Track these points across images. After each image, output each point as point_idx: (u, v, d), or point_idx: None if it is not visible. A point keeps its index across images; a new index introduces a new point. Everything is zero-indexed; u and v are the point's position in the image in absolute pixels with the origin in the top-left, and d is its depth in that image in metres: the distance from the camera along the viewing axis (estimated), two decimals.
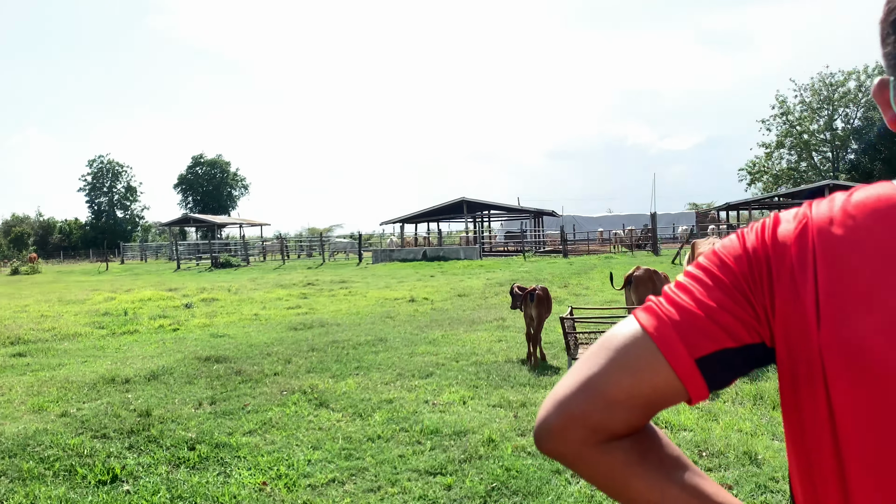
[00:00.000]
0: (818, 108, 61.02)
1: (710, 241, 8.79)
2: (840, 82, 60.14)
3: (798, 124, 61.85)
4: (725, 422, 5.55)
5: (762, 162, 64.01)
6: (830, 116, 60.83)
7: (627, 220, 56.49)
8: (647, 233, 39.88)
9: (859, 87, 59.08)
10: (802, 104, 61.85)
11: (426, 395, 7.00)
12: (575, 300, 15.73)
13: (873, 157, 56.34)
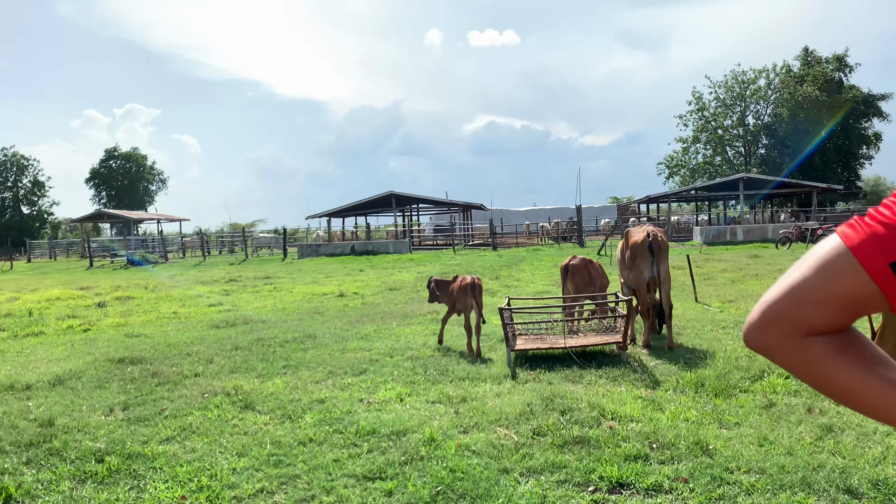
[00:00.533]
0: (731, 105, 63.49)
1: (643, 229, 8.72)
2: (751, 80, 62.73)
3: (713, 120, 64.19)
4: (671, 411, 5.42)
5: (679, 156, 66.12)
6: (743, 112, 63.39)
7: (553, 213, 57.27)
8: (572, 225, 40.45)
9: (769, 85, 61.79)
10: (717, 101, 64.21)
11: (360, 393, 6.62)
12: (507, 291, 15.61)
13: (782, 151, 59.02)
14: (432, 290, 9.01)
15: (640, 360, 7.49)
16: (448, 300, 8.83)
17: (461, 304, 8.58)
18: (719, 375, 6.42)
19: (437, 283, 9.06)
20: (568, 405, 5.52)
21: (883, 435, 4.63)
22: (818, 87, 56.71)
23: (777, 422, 5.03)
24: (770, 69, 61.88)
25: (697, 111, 64.73)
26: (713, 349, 7.85)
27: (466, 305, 8.56)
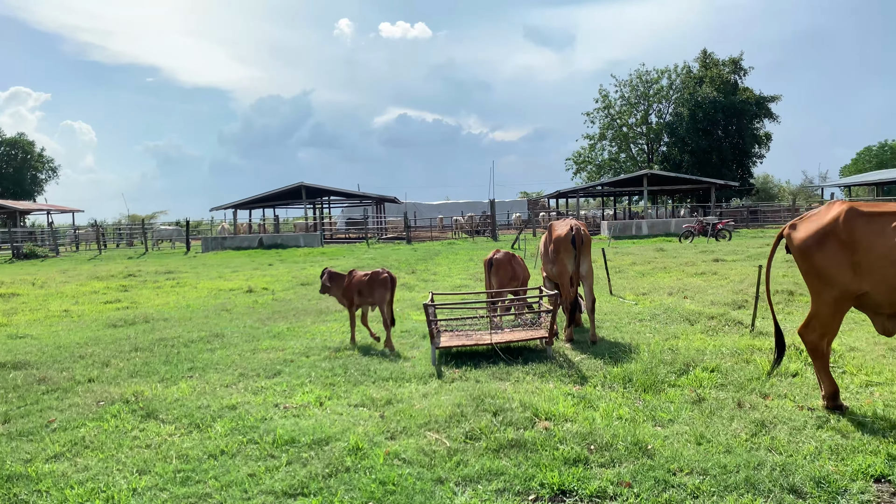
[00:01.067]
0: (636, 103, 65.67)
1: (566, 223, 8.62)
2: (655, 80, 65.09)
3: (619, 118, 66.21)
4: (604, 409, 5.28)
5: (587, 153, 67.86)
6: (646, 111, 65.71)
7: (466, 207, 57.60)
8: (486, 219, 40.68)
9: (671, 85, 64.30)
10: (622, 99, 66.27)
11: (276, 397, 6.15)
12: (425, 286, 15.35)
13: (682, 149, 61.57)
14: (324, 282, 8.66)
15: (566, 355, 7.37)
16: (341, 294, 8.61)
17: (376, 298, 8.34)
18: (645, 370, 6.36)
19: (330, 274, 8.74)
20: (499, 405, 5.28)
21: (813, 429, 4.64)
22: (716, 88, 59.53)
23: (710, 418, 4.97)
24: (672, 70, 64.42)
25: (604, 109, 66.60)
26: (635, 342, 7.84)
27: (383, 299, 8.30)
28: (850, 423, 4.77)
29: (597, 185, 50.47)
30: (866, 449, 4.26)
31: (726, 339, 7.92)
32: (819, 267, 4.86)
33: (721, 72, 61.21)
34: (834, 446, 4.30)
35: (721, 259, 18.92)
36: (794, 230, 5.14)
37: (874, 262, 4.56)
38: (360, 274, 8.57)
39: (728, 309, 10.19)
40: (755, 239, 28.84)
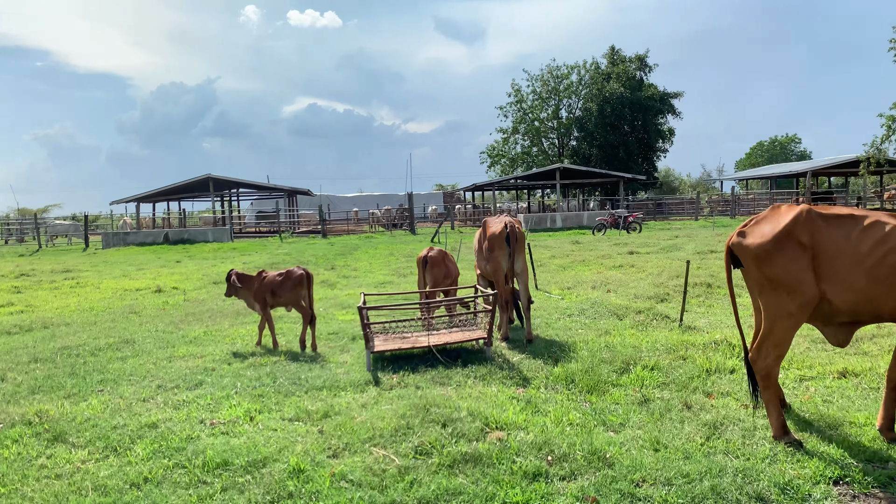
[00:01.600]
0: (547, 98, 66.84)
1: (500, 220, 8.46)
2: (564, 75, 66.44)
3: (530, 112, 67.23)
4: (553, 414, 5.12)
5: (500, 146, 68.59)
6: (557, 106, 67.02)
7: (381, 200, 57.01)
8: (403, 212, 40.34)
9: (580, 81, 65.82)
10: (534, 94, 67.30)
11: (200, 411, 5.67)
12: (346, 283, 14.92)
13: (591, 143, 63.23)
14: (232, 283, 8.23)
15: (504, 356, 7.21)
16: (252, 297, 8.23)
17: (292, 298, 8.03)
18: (587, 370, 6.28)
19: (238, 276, 8.32)
20: (447, 415, 5.02)
21: (764, 430, 4.64)
22: (623, 84, 61.41)
23: (661, 421, 4.90)
24: (581, 65, 65.94)
25: (516, 103, 67.43)
26: (570, 340, 7.78)
27: (300, 298, 8.00)
28: (795, 422, 4.82)
29: (511, 179, 51.07)
30: (818, 450, 4.28)
31: (657, 334, 7.99)
32: (780, 274, 4.44)
33: (628, 68, 63.18)
34: (788, 448, 4.30)
35: (636, 252, 19.41)
36: (745, 237, 4.68)
37: (841, 267, 4.35)
38: (272, 274, 8.21)
39: (653, 303, 10.35)
40: (663, 231, 29.89)
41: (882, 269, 4.28)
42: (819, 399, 5.29)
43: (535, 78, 67.04)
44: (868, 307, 4.40)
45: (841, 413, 4.95)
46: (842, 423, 4.71)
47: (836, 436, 4.52)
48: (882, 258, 4.29)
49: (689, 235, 25.46)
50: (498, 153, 68.36)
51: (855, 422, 4.74)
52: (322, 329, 9.21)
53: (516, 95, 67.35)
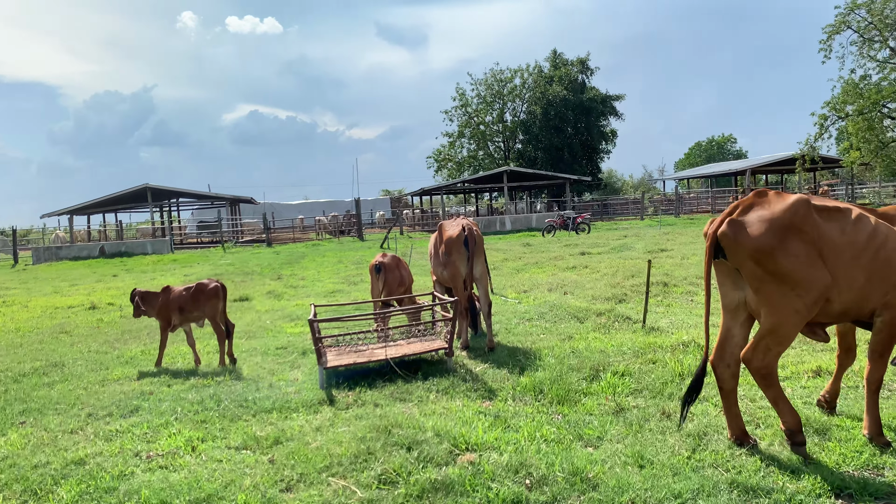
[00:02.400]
0: (491, 102, 67.02)
1: (457, 223, 8.09)
2: (508, 79, 66.74)
3: (476, 116, 67.29)
4: (525, 429, 4.75)
5: (447, 150, 68.43)
6: (501, 109, 67.27)
7: (327, 207, 56.12)
8: (350, 219, 39.65)
9: (524, 84, 66.22)
10: (479, 98, 67.40)
11: (136, 443, 5.10)
12: (294, 293, 14.31)
13: (536, 146, 63.67)
14: (137, 305, 7.72)
15: (466, 366, 6.82)
16: (157, 314, 7.79)
17: (206, 312, 7.65)
18: (555, 378, 5.94)
19: (143, 295, 7.80)
20: (411, 437, 4.59)
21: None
22: (565, 87, 62.05)
23: (641, 433, 4.58)
24: (524, 69, 66.36)
25: (462, 107, 67.40)
26: (533, 346, 7.45)
27: (214, 312, 7.61)
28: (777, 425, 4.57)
29: (459, 183, 50.87)
30: (810, 457, 4.02)
31: (622, 336, 7.73)
32: (787, 269, 4.02)
33: (570, 71, 63.88)
34: (779, 459, 4.03)
35: (587, 252, 19.35)
36: (739, 228, 4.14)
37: (842, 264, 4.04)
38: (178, 289, 7.81)
39: (612, 304, 10.14)
40: (611, 231, 30.08)
41: (875, 265, 4.06)
42: (799, 401, 5.07)
43: (480, 82, 67.17)
44: (857, 306, 4.17)
45: (824, 416, 4.73)
46: (828, 428, 4.48)
47: (824, 441, 4.29)
48: (875, 254, 4.07)
49: (637, 235, 25.63)
50: (444, 157, 68.18)
51: (842, 425, 4.52)
52: (270, 344, 8.67)
53: (461, 99, 67.35)
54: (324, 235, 39.20)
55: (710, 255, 4.34)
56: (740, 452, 4.14)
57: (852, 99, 40.94)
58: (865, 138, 40.61)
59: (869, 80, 41.84)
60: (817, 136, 42.89)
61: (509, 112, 67.59)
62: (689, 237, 22.81)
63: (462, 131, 67.60)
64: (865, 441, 4.23)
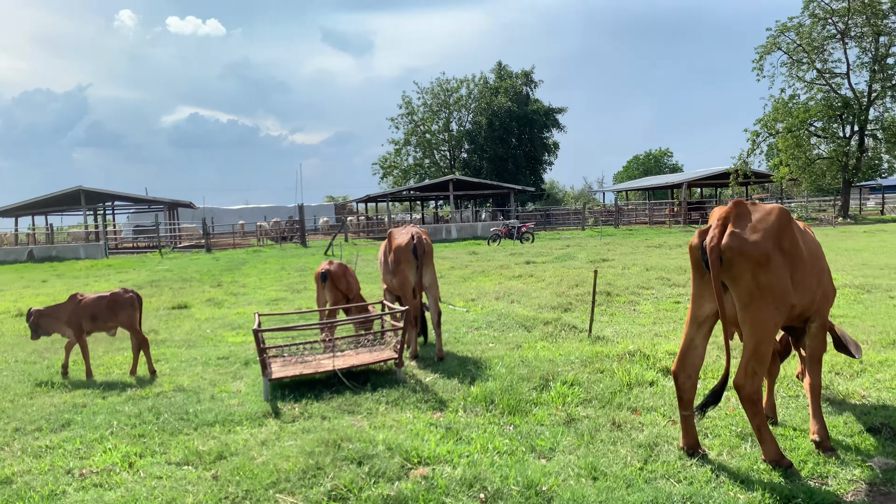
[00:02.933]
0: (438, 111, 67.26)
1: (406, 231, 8.01)
2: (454, 88, 67.14)
3: (422, 124, 67.39)
4: (477, 441, 4.70)
5: (392, 157, 68.29)
6: (448, 119, 67.57)
7: (268, 212, 55.13)
8: (293, 225, 39.03)
9: (469, 94, 66.70)
10: (425, 106, 67.55)
11: (67, 459, 4.82)
12: (235, 300, 13.94)
13: (481, 156, 64.19)
14: (33, 324, 7.37)
15: (415, 376, 6.73)
16: (65, 325, 7.42)
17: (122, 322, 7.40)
18: (505, 388, 5.92)
19: (40, 313, 7.42)
20: (362, 451, 4.48)
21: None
22: (510, 98, 62.80)
23: (592, 444, 4.59)
24: (470, 80, 66.86)
25: (408, 115, 67.42)
26: (482, 355, 7.42)
27: (131, 322, 7.39)
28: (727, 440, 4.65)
29: (405, 190, 50.82)
30: (759, 468, 4.10)
31: (569, 346, 7.78)
32: (773, 282, 3.94)
33: (515, 83, 64.69)
34: (728, 468, 4.09)
35: (532, 261, 19.53)
36: (742, 239, 4.01)
37: (803, 271, 4.07)
38: (91, 296, 7.46)
39: (558, 313, 10.22)
40: (554, 241, 30.48)
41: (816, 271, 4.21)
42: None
43: (426, 91, 67.37)
44: (805, 313, 4.32)
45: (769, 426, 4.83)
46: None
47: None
48: (817, 260, 4.22)
49: (580, 245, 26.04)
50: (390, 165, 68.03)
51: (786, 434, 4.63)
52: (210, 353, 8.39)
53: (408, 107, 67.38)
54: (265, 241, 38.47)
55: (717, 268, 4.07)
56: (691, 463, 4.19)
57: (782, 117, 42.78)
58: (794, 155, 42.45)
59: (797, 100, 43.81)
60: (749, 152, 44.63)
61: (455, 121, 67.96)
62: (628, 248, 23.30)
63: (408, 139, 67.61)
64: (810, 450, 4.34)
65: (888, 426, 4.66)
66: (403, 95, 67.03)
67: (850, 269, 13.87)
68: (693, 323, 4.34)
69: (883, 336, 7.42)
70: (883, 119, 41.95)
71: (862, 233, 26.98)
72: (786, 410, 5.18)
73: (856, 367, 6.21)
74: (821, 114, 42.00)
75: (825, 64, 43.02)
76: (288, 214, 49.56)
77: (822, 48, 42.50)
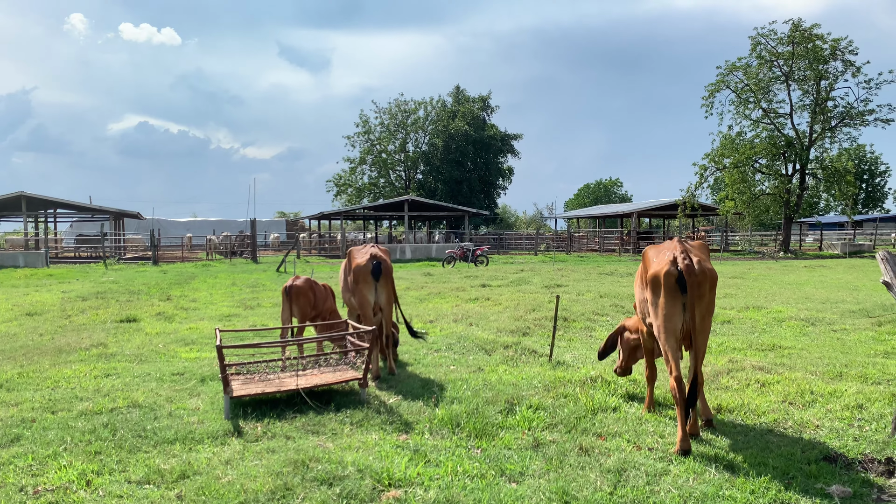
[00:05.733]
0: (395, 131, 67.50)
1: (365, 251, 8.00)
2: (412, 110, 67.53)
3: (378, 143, 67.47)
4: (447, 464, 4.69)
5: (347, 175, 68.07)
6: (404, 139, 67.84)
7: (217, 226, 54.12)
8: (244, 239, 38.39)
9: (426, 116, 67.17)
10: (382, 126, 67.69)
11: (20, 476, 4.62)
12: (185, 315, 13.62)
13: (437, 177, 64.56)
14: None
15: (378, 397, 6.69)
16: None
17: None
18: (471, 411, 5.93)
19: None
20: (331, 472, 4.42)
21: (662, 474, 4.52)
22: (467, 122, 63.46)
23: (561, 468, 4.63)
24: (428, 102, 67.38)
25: (364, 134, 67.43)
26: (445, 378, 7.43)
27: None
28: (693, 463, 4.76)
29: (359, 209, 50.65)
30: (725, 495, 4.20)
31: (530, 370, 7.85)
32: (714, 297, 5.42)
33: (472, 108, 65.46)
34: (696, 494, 4.19)
35: (488, 284, 19.64)
36: (703, 265, 5.22)
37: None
38: None
39: (517, 337, 10.32)
40: (508, 265, 30.76)
41: None
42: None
43: (384, 111, 67.61)
44: None
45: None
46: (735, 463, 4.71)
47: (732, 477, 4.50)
48: None
49: (533, 270, 26.33)
50: (345, 182, 67.79)
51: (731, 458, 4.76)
52: (164, 369, 8.18)
53: (364, 126, 67.43)
54: (214, 256, 37.72)
55: (695, 289, 5.09)
56: (659, 488, 4.27)
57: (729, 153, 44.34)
58: (739, 190, 44.00)
59: (744, 137, 45.51)
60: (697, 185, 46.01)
61: (412, 142, 68.30)
62: (581, 274, 23.68)
63: (364, 158, 67.57)
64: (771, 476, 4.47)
65: (842, 455, 4.84)
66: (361, 114, 67.13)
67: (794, 303, 14.39)
68: (671, 338, 5.18)
69: (830, 367, 7.72)
70: (822, 159, 43.90)
71: (803, 267, 28.04)
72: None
73: (807, 398, 6.43)
74: (765, 151, 43.70)
75: (770, 104, 44.88)
76: (238, 228, 48.76)
77: (768, 89, 44.34)
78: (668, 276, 5.11)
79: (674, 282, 5.07)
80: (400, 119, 67.10)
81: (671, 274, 5.10)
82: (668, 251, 5.32)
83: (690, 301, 5.02)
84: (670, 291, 5.09)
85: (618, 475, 4.46)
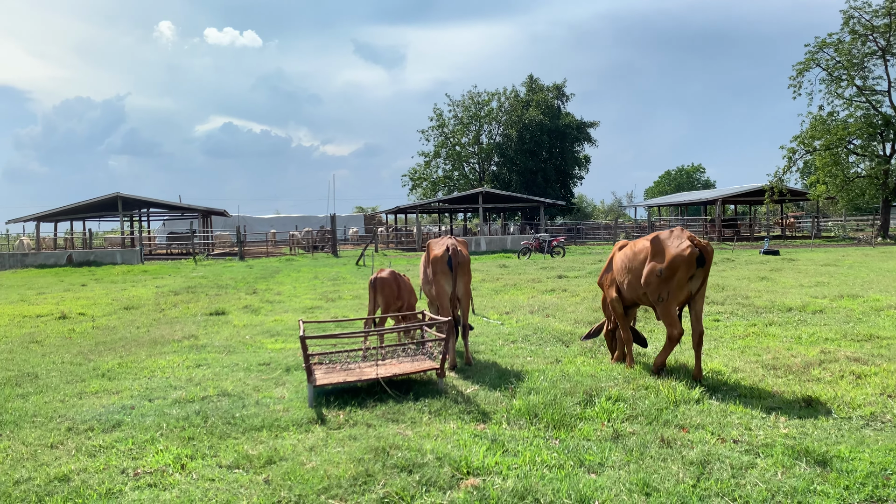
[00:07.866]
0: (468, 124, 67.53)
1: (442, 242, 8.07)
2: (486, 101, 67.35)
3: (452, 137, 67.70)
4: (525, 455, 4.69)
5: (422, 169, 68.65)
6: (478, 131, 67.79)
7: (299, 222, 55.72)
8: (324, 234, 39.37)
9: (500, 107, 66.86)
10: (455, 118, 67.85)
11: (121, 459, 4.92)
12: (271, 308, 14.11)
13: (511, 168, 64.22)
14: None
15: (456, 387, 6.75)
16: None
17: None
18: (549, 402, 5.90)
19: None
20: (411, 459, 4.51)
21: (749, 467, 4.38)
22: (541, 111, 62.77)
23: (642, 460, 4.56)
24: (501, 93, 67.05)
25: (438, 127, 67.79)
26: (522, 369, 7.41)
27: None
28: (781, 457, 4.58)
29: (434, 202, 51.02)
30: (815, 489, 4.04)
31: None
32: None
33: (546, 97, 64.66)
34: (785, 489, 4.04)
35: (564, 276, 19.44)
36: (710, 247, 6.72)
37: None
38: None
39: None
40: (585, 255, 30.32)
41: None
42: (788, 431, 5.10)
43: (457, 103, 67.70)
44: None
45: (823, 447, 4.75)
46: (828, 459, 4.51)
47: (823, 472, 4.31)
48: None
49: None
50: (420, 176, 68.37)
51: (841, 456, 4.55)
52: (251, 359, 8.51)
53: (438, 120, 67.74)
54: (297, 250, 38.85)
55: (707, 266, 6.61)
56: (745, 482, 4.14)
57: (820, 134, 42.15)
58: (831, 173, 41.76)
59: (836, 117, 43.15)
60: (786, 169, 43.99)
61: (485, 134, 68.16)
62: None
63: (438, 151, 67.94)
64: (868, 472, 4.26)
65: None
66: (435, 108, 67.58)
67: (894, 291, 13.58)
68: (679, 305, 6.70)
69: None
70: None
71: None
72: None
73: None
74: (860, 131, 41.31)
75: (865, 81, 42.37)
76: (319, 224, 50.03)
77: (863, 65, 41.88)
78: (689, 257, 6.57)
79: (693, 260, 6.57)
80: (473, 111, 67.08)
81: (692, 255, 6.58)
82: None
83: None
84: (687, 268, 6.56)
85: (701, 467, 4.35)
